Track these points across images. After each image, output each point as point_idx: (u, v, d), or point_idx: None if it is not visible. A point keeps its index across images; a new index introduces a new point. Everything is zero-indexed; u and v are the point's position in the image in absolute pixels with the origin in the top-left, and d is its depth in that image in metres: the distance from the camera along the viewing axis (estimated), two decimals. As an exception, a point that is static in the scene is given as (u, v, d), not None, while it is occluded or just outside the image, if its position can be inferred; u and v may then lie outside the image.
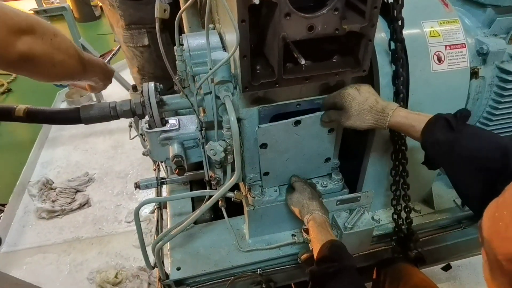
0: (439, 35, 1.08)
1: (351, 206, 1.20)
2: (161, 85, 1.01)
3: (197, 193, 1.15)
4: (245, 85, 0.90)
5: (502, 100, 1.25)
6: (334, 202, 1.17)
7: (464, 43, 1.10)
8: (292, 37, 0.84)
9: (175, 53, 0.98)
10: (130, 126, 1.80)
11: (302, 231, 1.07)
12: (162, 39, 0.92)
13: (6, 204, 2.67)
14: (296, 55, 0.78)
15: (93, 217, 2.62)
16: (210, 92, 0.99)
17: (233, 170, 1.07)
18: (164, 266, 1.21)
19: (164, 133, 1.14)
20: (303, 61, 0.76)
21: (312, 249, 1.00)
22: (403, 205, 1.23)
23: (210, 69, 0.92)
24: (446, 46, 1.09)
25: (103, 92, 4.21)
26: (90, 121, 0.99)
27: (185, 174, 1.40)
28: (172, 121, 1.17)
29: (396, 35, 1.04)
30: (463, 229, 1.44)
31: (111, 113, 0.99)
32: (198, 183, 1.54)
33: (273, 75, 0.90)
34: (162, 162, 1.37)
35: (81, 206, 2.66)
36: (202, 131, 1.04)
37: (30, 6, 3.43)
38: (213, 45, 1.06)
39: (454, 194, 1.46)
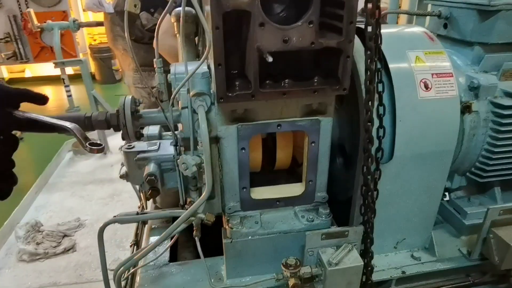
0: (425, 63, 1.07)
1: (339, 242, 1.08)
2: (140, 99, 1.00)
3: (166, 213, 1.07)
4: (221, 95, 0.88)
5: (500, 136, 1.19)
6: (319, 236, 1.06)
7: (451, 72, 1.08)
8: (267, 48, 0.83)
9: (155, 65, 0.98)
10: (123, 165, 1.78)
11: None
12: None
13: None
14: (264, 56, 0.76)
15: (76, 263, 2.47)
16: (187, 107, 0.97)
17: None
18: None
19: (142, 153, 1.10)
20: (270, 59, 0.74)
21: None
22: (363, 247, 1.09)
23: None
24: (432, 74, 1.07)
25: (109, 142, 4.23)
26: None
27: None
28: (153, 144, 1.14)
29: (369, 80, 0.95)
30: (473, 283, 1.28)
31: (85, 123, 0.96)
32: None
33: (250, 87, 0.88)
34: (140, 190, 1.31)
35: (66, 251, 2.53)
36: (177, 147, 1.00)
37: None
38: (200, 71, 1.06)
39: (458, 242, 1.33)
